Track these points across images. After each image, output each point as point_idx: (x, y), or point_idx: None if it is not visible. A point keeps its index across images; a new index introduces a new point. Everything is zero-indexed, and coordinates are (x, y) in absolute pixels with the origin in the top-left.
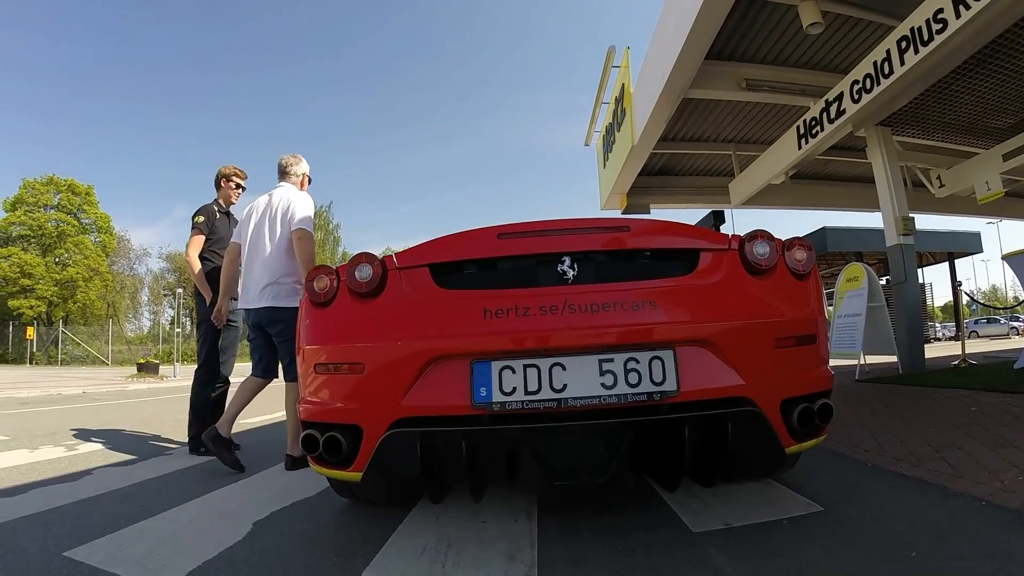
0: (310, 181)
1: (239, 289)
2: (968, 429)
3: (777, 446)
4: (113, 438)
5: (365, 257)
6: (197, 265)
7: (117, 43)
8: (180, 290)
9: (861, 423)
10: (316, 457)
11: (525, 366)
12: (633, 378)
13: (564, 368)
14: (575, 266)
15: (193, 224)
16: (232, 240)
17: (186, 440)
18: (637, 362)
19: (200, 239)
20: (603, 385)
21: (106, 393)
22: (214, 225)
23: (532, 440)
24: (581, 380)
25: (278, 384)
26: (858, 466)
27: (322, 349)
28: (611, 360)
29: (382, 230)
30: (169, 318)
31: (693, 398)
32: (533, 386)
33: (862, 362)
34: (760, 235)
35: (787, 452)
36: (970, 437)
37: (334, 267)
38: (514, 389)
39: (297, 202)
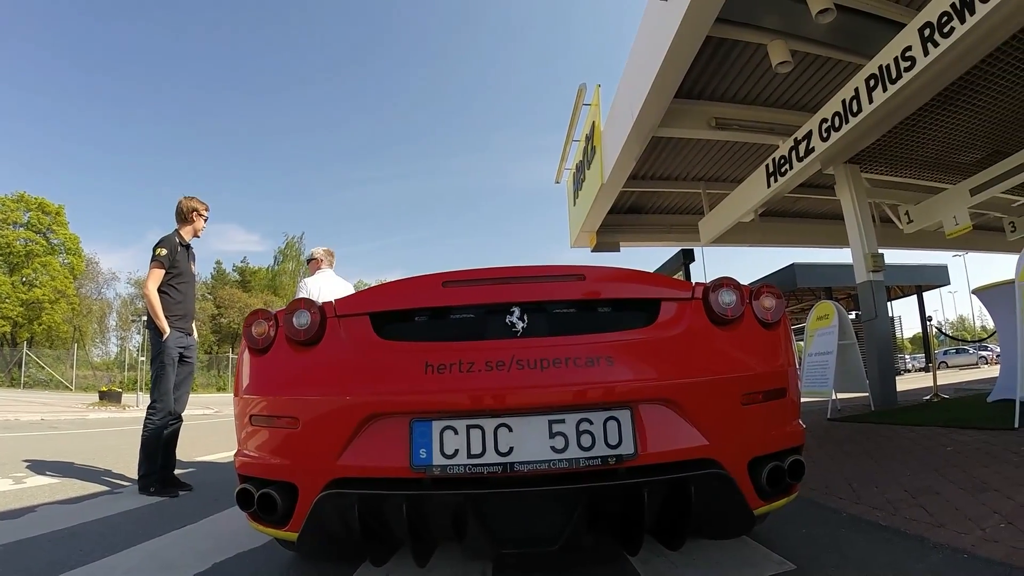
0: None
1: None
2: (945, 471)
3: (745, 508)
4: (64, 471)
5: (304, 303)
6: (157, 299)
7: (95, 53)
8: (145, 318)
9: (835, 467)
10: (251, 514)
11: (468, 427)
12: (586, 440)
13: (510, 430)
14: (525, 318)
15: (155, 256)
16: None
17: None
18: (590, 423)
19: (161, 272)
20: (553, 448)
21: (65, 421)
22: (175, 258)
23: (477, 506)
24: (529, 443)
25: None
26: (833, 516)
27: (257, 399)
28: (562, 421)
29: (356, 263)
30: (137, 345)
31: (652, 461)
32: (477, 449)
33: (834, 398)
34: (726, 283)
35: (756, 513)
36: (947, 480)
37: (272, 312)
38: (456, 451)
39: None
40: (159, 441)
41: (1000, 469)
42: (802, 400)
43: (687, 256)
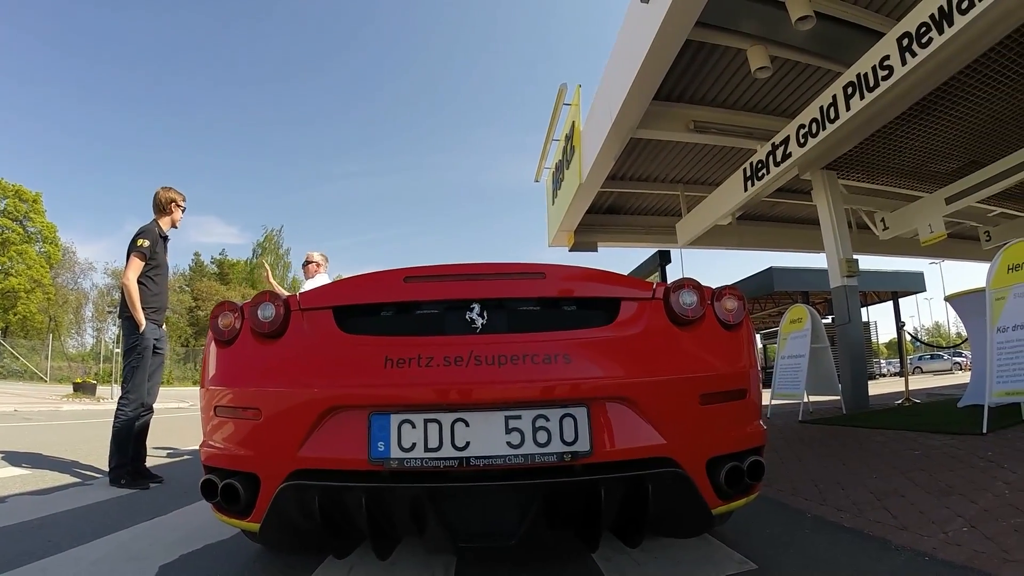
0: None
1: None
2: (911, 475)
3: (703, 507)
4: (36, 463)
5: (268, 296)
6: (136, 290)
7: (75, 40)
8: (119, 308)
9: (803, 469)
10: (215, 504)
11: (426, 421)
12: (542, 437)
13: (467, 424)
14: (485, 314)
15: (136, 247)
16: None
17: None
18: (547, 419)
19: (141, 264)
20: (509, 444)
21: (39, 413)
22: (155, 250)
23: (435, 500)
24: (485, 438)
25: None
26: (798, 517)
27: (221, 390)
28: (518, 417)
29: (336, 259)
30: (112, 336)
31: (608, 459)
32: (434, 443)
33: (806, 400)
34: (687, 284)
35: (714, 513)
36: (913, 483)
37: (239, 304)
38: (413, 445)
39: None
40: (131, 433)
41: (966, 473)
42: (775, 402)
43: (663, 257)
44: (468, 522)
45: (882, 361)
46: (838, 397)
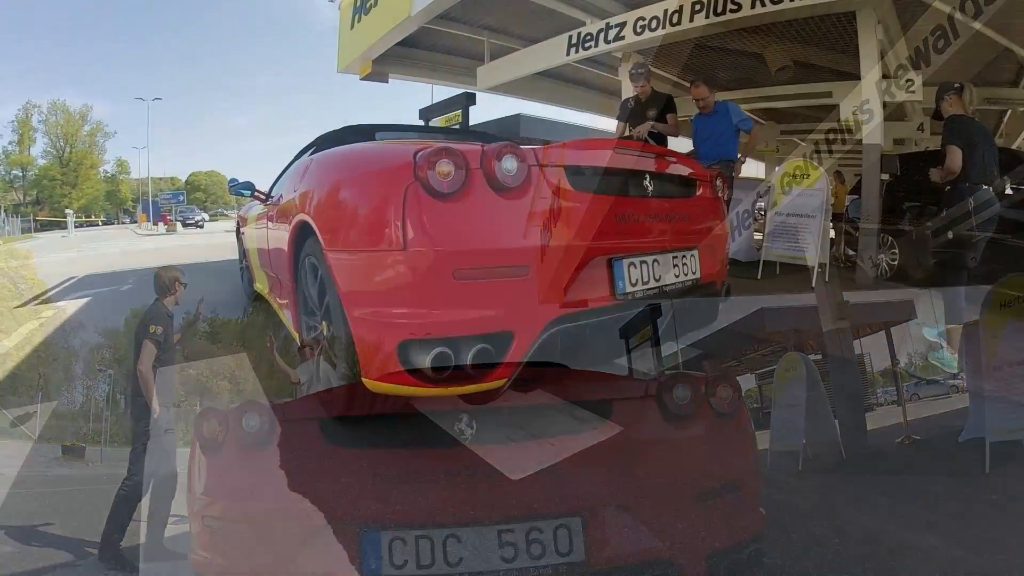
0: None
1: None
2: (916, 529)
3: None
4: (18, 536)
5: (254, 405)
6: (152, 379)
7: None
8: (111, 371)
9: (804, 528)
10: None
11: (417, 538)
12: (536, 550)
13: (459, 540)
14: (474, 424)
15: (150, 335)
16: None
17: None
18: (540, 531)
19: (155, 351)
20: (503, 558)
21: (26, 479)
22: (168, 334)
23: None
24: (478, 553)
25: None
26: None
27: (208, 500)
28: (511, 531)
29: None
30: (104, 395)
31: (605, 566)
32: (426, 560)
33: (803, 443)
34: (681, 379)
35: None
36: (918, 537)
37: (224, 411)
38: (405, 563)
39: None
40: (128, 513)
41: (970, 520)
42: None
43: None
44: None
45: (879, 391)
46: (836, 440)
